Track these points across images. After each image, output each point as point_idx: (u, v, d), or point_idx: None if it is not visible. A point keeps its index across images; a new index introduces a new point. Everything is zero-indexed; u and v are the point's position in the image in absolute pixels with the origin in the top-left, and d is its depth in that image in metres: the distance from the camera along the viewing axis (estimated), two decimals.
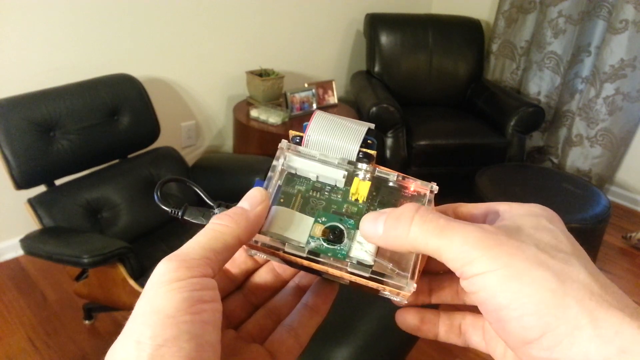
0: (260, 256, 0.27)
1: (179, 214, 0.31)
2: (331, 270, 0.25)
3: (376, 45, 2.57)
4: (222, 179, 1.77)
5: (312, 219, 0.26)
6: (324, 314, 0.29)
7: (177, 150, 1.83)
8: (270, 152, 0.27)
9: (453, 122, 2.48)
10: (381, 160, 2.27)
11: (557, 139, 2.68)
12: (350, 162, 0.28)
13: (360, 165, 0.28)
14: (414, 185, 0.28)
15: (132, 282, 1.33)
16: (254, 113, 2.14)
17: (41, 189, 1.49)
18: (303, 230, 0.26)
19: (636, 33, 2.23)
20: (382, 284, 0.25)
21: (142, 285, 1.32)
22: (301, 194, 0.27)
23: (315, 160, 0.28)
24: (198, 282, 0.21)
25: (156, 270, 0.22)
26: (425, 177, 0.28)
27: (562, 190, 1.92)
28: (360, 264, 0.25)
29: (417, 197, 0.28)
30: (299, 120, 2.22)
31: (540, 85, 2.60)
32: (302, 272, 0.29)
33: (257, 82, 2.19)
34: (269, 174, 0.28)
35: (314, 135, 0.28)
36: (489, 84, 2.64)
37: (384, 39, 2.57)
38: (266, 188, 0.27)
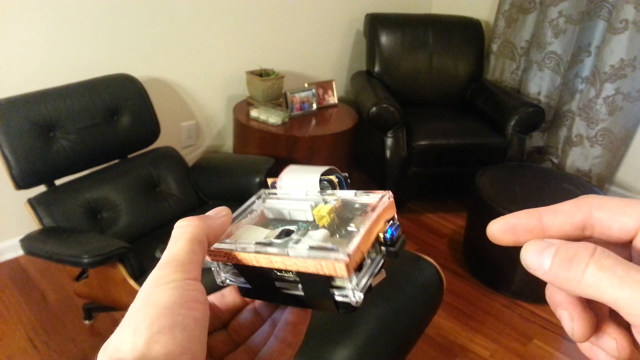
0: (222, 276, 0.30)
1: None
2: (273, 260, 0.26)
3: (376, 45, 2.57)
4: (222, 179, 1.77)
5: (267, 230, 0.29)
6: (297, 347, 0.30)
7: (177, 150, 1.83)
8: (271, 152, 0.28)
9: (453, 122, 2.48)
10: (381, 161, 2.27)
11: (557, 139, 2.68)
12: (315, 194, 0.30)
13: (323, 192, 0.30)
14: (371, 196, 0.30)
15: (132, 282, 1.33)
16: (254, 113, 2.14)
17: (41, 189, 1.49)
18: (257, 235, 0.28)
19: (636, 33, 2.23)
20: (319, 259, 0.25)
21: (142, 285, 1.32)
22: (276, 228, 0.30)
23: (289, 199, 0.31)
24: (192, 284, 0.23)
25: (152, 275, 0.23)
26: (426, 177, 0.28)
27: (563, 191, 1.92)
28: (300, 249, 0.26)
29: (375, 207, 0.29)
30: (299, 120, 2.22)
31: (541, 85, 2.60)
32: (278, 310, 0.31)
33: (257, 82, 2.19)
34: (248, 208, 0.31)
35: (285, 180, 0.31)
36: (489, 84, 2.64)
37: (384, 39, 2.57)
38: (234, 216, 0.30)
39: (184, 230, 0.25)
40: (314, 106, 2.33)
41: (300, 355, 1.08)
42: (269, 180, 0.32)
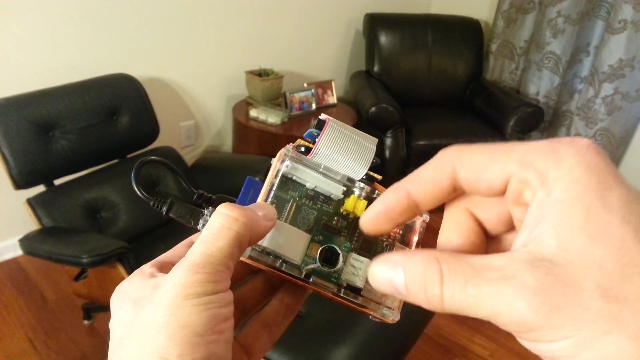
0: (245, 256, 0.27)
1: (164, 209, 0.29)
2: (323, 292, 0.26)
3: (375, 45, 2.57)
4: (222, 179, 1.77)
5: (308, 236, 0.26)
6: (296, 313, 0.29)
7: (177, 150, 1.83)
8: (270, 152, 0.26)
9: (452, 122, 2.48)
10: (381, 161, 2.27)
11: None
12: (350, 180, 0.27)
13: (360, 184, 0.27)
14: None
15: None
16: (253, 113, 2.14)
17: (40, 188, 1.49)
18: (299, 247, 0.26)
19: (635, 33, 2.23)
20: (370, 310, 0.26)
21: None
22: (295, 202, 0.27)
23: (317, 172, 0.27)
24: (223, 298, 0.21)
25: (178, 279, 0.20)
26: None
27: None
28: (350, 288, 0.26)
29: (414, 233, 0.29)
30: (298, 120, 2.22)
31: (539, 85, 2.60)
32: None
33: (257, 82, 2.19)
34: (272, 180, 0.27)
35: (324, 150, 0.27)
36: (488, 84, 2.65)
37: (383, 39, 2.57)
38: (267, 196, 0.27)
39: (229, 225, 0.21)
40: (313, 106, 2.33)
41: (300, 355, 1.08)
42: (299, 142, 0.28)
